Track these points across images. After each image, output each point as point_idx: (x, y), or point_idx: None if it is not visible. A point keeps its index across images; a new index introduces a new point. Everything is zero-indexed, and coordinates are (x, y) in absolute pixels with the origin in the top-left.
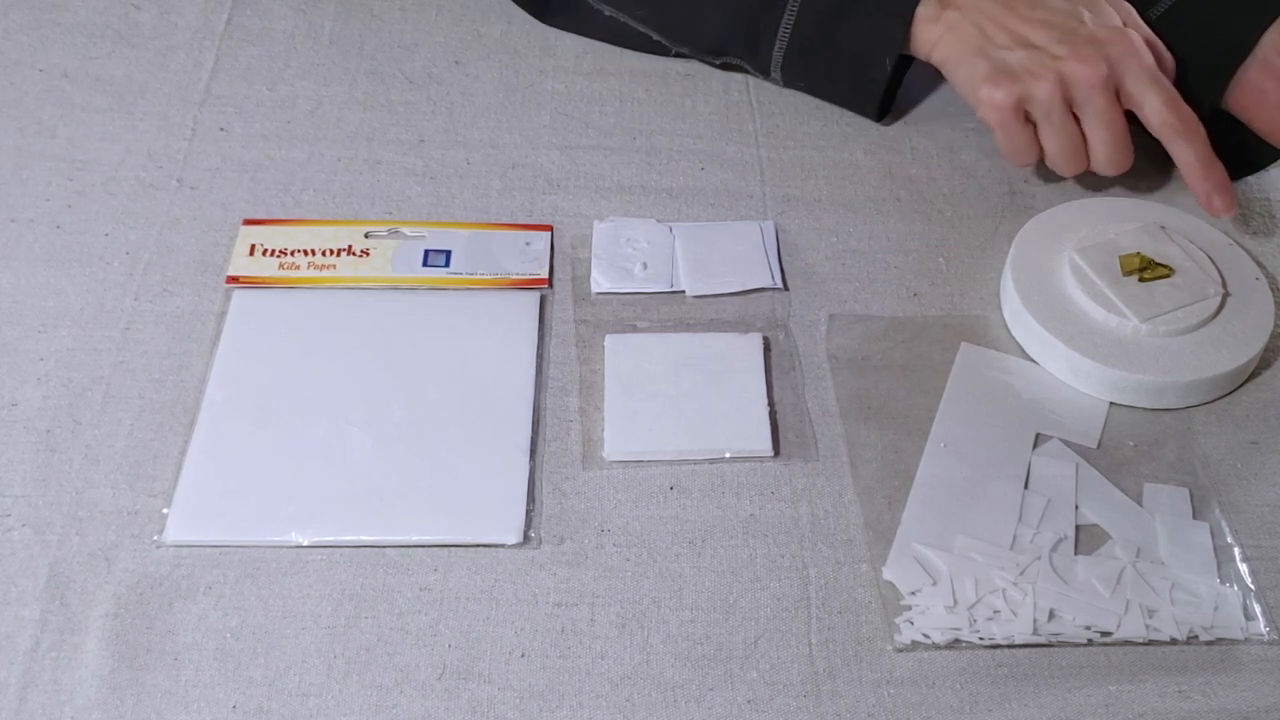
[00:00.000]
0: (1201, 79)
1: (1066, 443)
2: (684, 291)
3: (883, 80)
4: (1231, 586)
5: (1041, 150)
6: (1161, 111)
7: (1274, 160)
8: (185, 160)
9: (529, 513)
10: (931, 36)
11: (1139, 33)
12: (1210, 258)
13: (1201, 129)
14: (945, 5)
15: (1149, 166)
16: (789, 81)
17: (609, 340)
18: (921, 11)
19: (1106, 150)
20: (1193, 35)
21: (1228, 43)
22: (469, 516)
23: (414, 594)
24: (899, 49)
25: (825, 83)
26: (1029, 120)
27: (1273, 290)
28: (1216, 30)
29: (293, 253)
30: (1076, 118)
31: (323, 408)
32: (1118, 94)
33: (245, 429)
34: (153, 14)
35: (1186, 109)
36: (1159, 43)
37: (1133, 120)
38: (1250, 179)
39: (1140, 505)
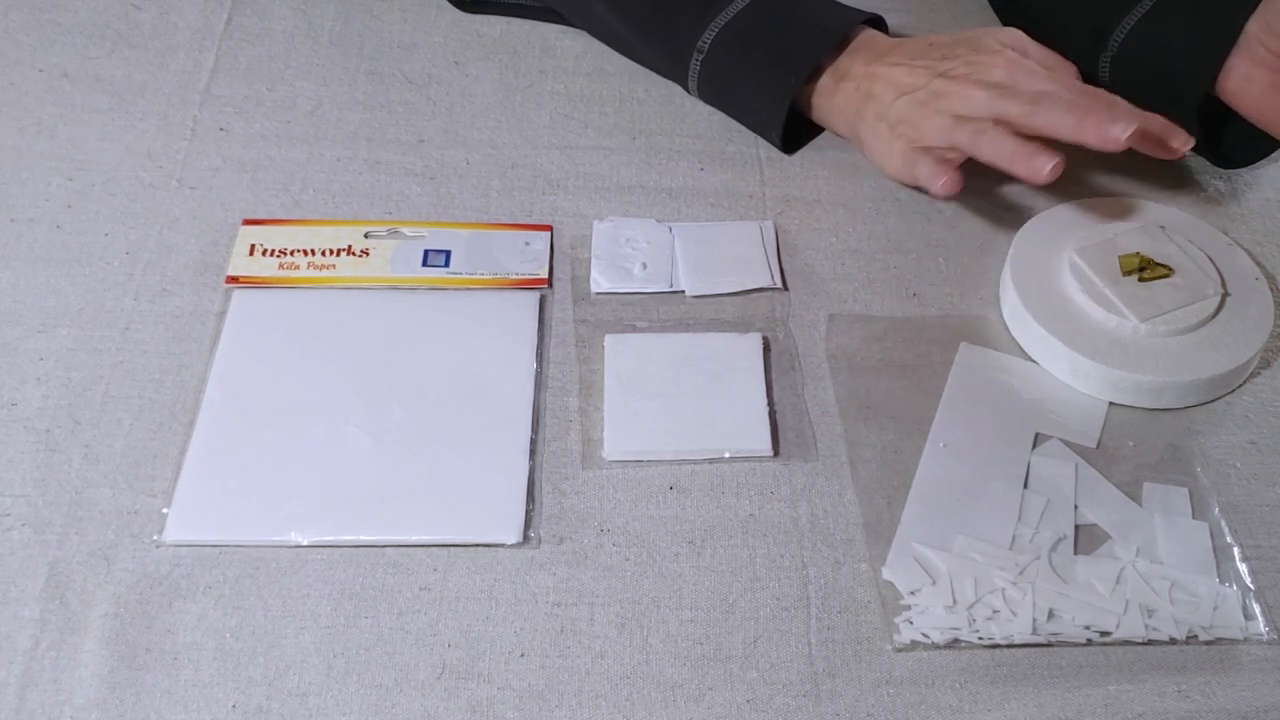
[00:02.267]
0: (1193, 68)
1: (1066, 442)
2: (684, 291)
3: (778, 129)
4: (1231, 586)
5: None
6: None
7: (1271, 151)
8: (185, 160)
9: (529, 512)
10: (829, 111)
11: (1023, 52)
12: (1210, 258)
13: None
14: (840, 78)
15: (1149, 166)
16: (711, 105)
17: (609, 340)
18: (822, 84)
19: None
20: (1182, 25)
21: (1215, 31)
22: (469, 516)
23: (413, 594)
24: (782, 123)
25: (734, 117)
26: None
27: (1272, 290)
28: (1204, 19)
29: (292, 253)
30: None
31: (323, 408)
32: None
33: (245, 429)
34: (153, 14)
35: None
36: (1048, 53)
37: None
38: (1249, 178)
39: (1140, 505)
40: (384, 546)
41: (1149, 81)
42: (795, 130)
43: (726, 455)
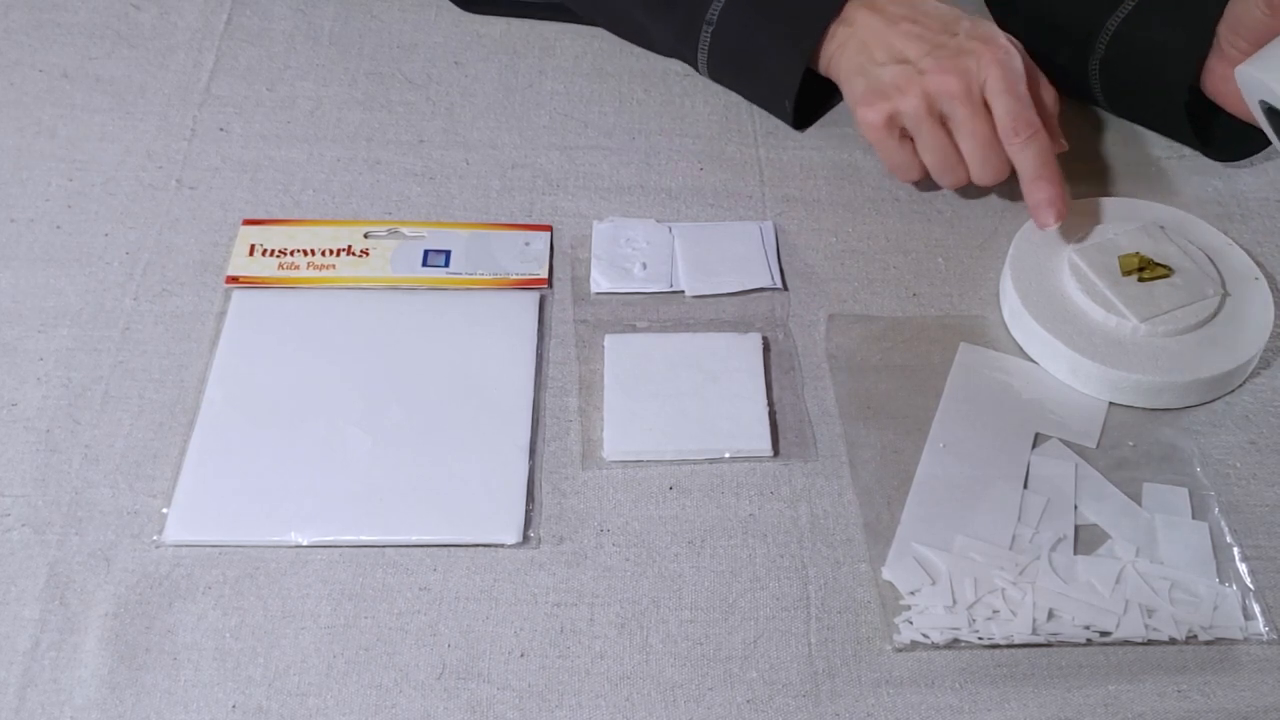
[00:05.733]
0: (1175, 70)
1: (1066, 442)
2: (683, 291)
3: (792, 94)
4: (1230, 586)
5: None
6: (1004, 120)
7: (1263, 148)
8: (185, 160)
9: (528, 512)
10: (828, 53)
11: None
12: (1210, 258)
13: (1042, 139)
14: (841, 22)
15: (1147, 167)
16: (719, 82)
17: (608, 340)
18: (829, 30)
19: (974, 160)
20: (1162, 28)
21: (1192, 33)
22: (468, 516)
23: (413, 594)
24: (801, 69)
25: (745, 89)
26: (906, 135)
27: (1272, 290)
28: (1181, 21)
29: (292, 253)
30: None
31: (322, 408)
32: (986, 104)
33: (245, 429)
34: (153, 14)
35: (1031, 118)
36: (1039, 74)
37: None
38: (1249, 178)
39: (1139, 505)
40: (384, 546)
41: (1136, 83)
42: (804, 100)
43: (726, 455)
